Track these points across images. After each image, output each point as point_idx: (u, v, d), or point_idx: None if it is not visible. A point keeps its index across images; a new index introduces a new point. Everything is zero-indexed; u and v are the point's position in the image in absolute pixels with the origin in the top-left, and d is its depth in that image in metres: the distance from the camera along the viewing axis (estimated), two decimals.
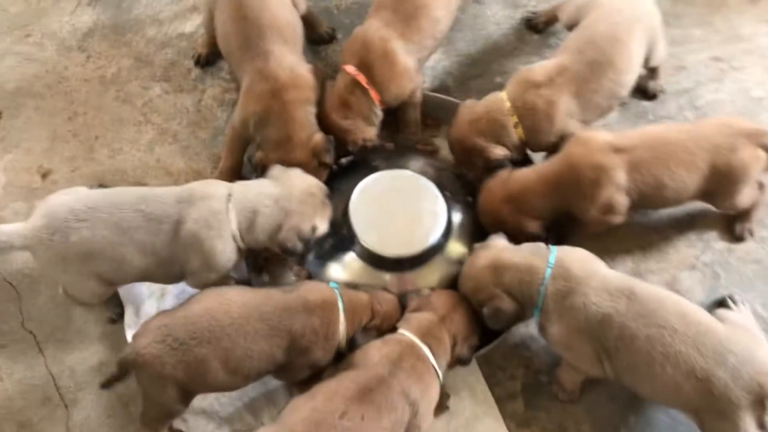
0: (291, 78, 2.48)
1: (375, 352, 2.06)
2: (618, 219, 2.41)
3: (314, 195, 2.34)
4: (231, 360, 2.04)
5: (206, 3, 2.78)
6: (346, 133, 2.56)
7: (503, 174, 2.46)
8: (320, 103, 2.57)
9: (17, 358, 2.44)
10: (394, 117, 2.71)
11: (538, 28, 3.07)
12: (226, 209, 2.22)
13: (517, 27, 3.12)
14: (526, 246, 2.24)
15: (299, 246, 2.27)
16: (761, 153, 2.38)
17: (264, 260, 2.53)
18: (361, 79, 2.53)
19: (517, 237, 2.35)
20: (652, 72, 2.83)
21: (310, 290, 2.18)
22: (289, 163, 2.41)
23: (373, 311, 2.21)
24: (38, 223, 2.17)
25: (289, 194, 2.28)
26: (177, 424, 2.28)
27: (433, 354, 2.09)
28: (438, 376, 2.10)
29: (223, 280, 2.32)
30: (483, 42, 3.08)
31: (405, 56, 2.56)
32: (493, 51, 3.03)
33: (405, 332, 2.12)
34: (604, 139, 2.39)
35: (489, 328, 2.26)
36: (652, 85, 2.86)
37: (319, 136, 2.48)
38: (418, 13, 2.56)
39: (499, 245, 2.27)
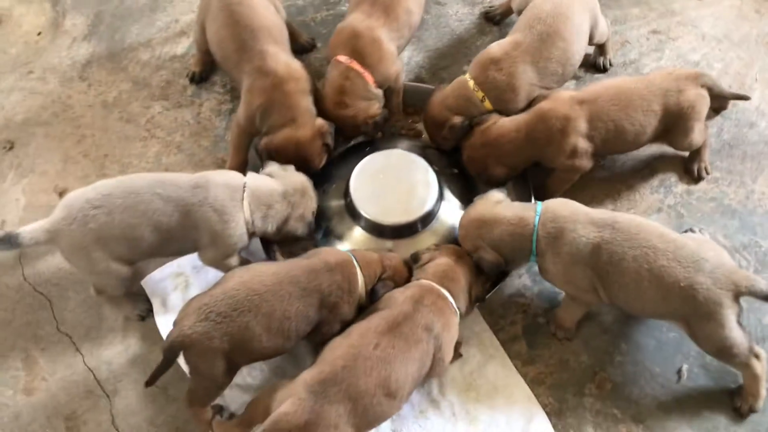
0: (288, 71, 2.71)
1: (399, 296, 2.26)
2: (584, 163, 2.66)
3: (307, 187, 2.58)
4: (272, 323, 2.18)
5: (197, 20, 3.01)
6: (353, 119, 2.78)
7: (488, 122, 2.71)
8: (317, 101, 2.78)
9: (57, 359, 2.57)
10: None
11: (495, 20, 3.37)
12: (241, 197, 2.42)
13: (476, 21, 3.40)
14: (516, 203, 2.48)
15: (306, 231, 2.55)
16: (704, 91, 2.69)
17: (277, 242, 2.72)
18: (355, 64, 2.76)
19: (488, 180, 2.66)
20: (600, 48, 3.14)
21: (329, 253, 2.38)
22: (295, 143, 2.65)
23: (384, 266, 2.41)
24: (58, 215, 2.34)
25: (292, 190, 2.52)
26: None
27: (451, 294, 2.30)
28: (457, 314, 2.30)
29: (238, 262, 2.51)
30: (448, 37, 3.35)
31: (388, 42, 2.83)
32: (458, 44, 3.29)
33: (424, 279, 2.33)
34: (569, 94, 2.68)
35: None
36: (601, 59, 3.17)
37: (322, 120, 2.72)
38: (395, 5, 2.86)
39: (494, 198, 2.48)
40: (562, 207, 2.38)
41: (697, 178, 2.90)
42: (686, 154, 2.91)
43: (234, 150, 2.87)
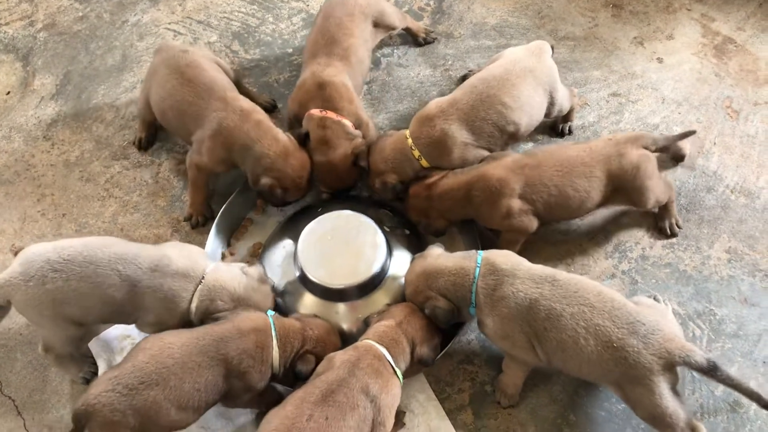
0: (252, 106, 2.85)
1: (336, 360, 2.24)
2: (524, 222, 2.66)
3: (264, 291, 2.55)
4: (181, 396, 2.16)
5: (142, 90, 3.10)
6: (345, 157, 2.84)
7: (435, 177, 2.76)
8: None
9: None
10: None
11: None
12: (194, 290, 2.42)
13: (437, 83, 3.44)
14: (458, 253, 2.48)
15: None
16: (645, 151, 2.70)
17: None
18: (330, 114, 2.83)
19: (426, 229, 2.75)
20: (564, 116, 3.15)
21: (243, 319, 2.35)
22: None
23: (305, 336, 2.37)
24: (16, 270, 2.34)
25: (246, 304, 2.48)
26: None
27: (391, 354, 2.27)
28: (397, 375, 2.26)
29: None
30: (408, 99, 3.38)
31: (352, 88, 2.93)
32: (417, 105, 3.30)
33: (364, 339, 2.31)
34: (514, 158, 2.71)
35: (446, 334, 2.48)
36: (561, 125, 3.18)
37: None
38: (348, 53, 2.97)
39: (434, 254, 2.51)
40: (503, 260, 2.38)
41: (669, 235, 2.89)
42: (656, 210, 2.90)
43: (196, 190, 2.96)
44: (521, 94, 2.80)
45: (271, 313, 2.45)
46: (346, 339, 2.52)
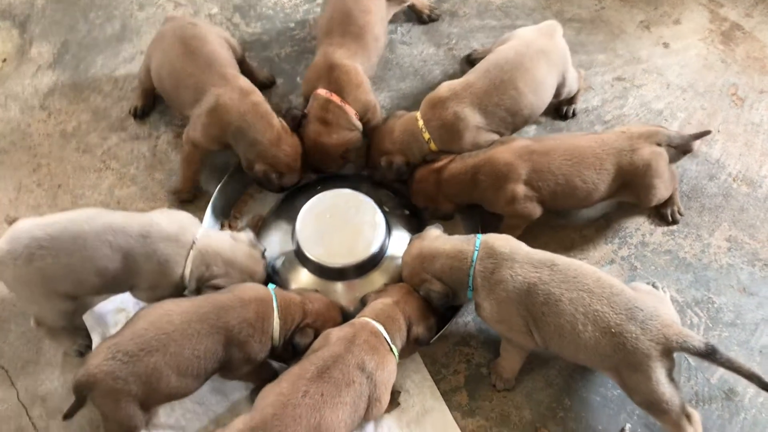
0: (250, 86, 2.80)
1: (333, 336, 2.24)
2: (528, 208, 2.64)
3: (254, 272, 2.53)
4: (181, 363, 2.16)
5: (145, 57, 3.06)
6: (336, 147, 2.80)
7: (442, 162, 2.73)
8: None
9: None
10: None
11: (476, 63, 3.30)
12: (186, 254, 2.42)
13: (441, 62, 3.39)
14: (456, 236, 2.47)
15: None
16: (658, 148, 2.66)
17: None
18: (334, 97, 2.78)
19: (433, 214, 2.72)
20: (570, 99, 3.11)
21: (245, 289, 2.35)
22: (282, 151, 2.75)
23: (305, 310, 2.37)
24: (3, 248, 2.31)
25: (240, 266, 2.49)
26: None
27: (388, 332, 2.27)
28: (393, 352, 2.26)
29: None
30: (411, 77, 3.34)
31: (363, 73, 2.87)
32: (421, 84, 3.28)
33: (361, 317, 2.31)
34: (523, 143, 2.67)
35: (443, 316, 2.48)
36: (566, 108, 3.14)
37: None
38: (363, 33, 2.90)
39: (432, 235, 2.49)
40: (502, 243, 2.37)
41: (670, 222, 2.88)
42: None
43: (188, 165, 2.91)
44: (535, 78, 2.77)
45: (272, 286, 2.44)
46: (343, 318, 2.50)
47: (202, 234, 2.48)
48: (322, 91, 2.81)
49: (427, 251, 2.42)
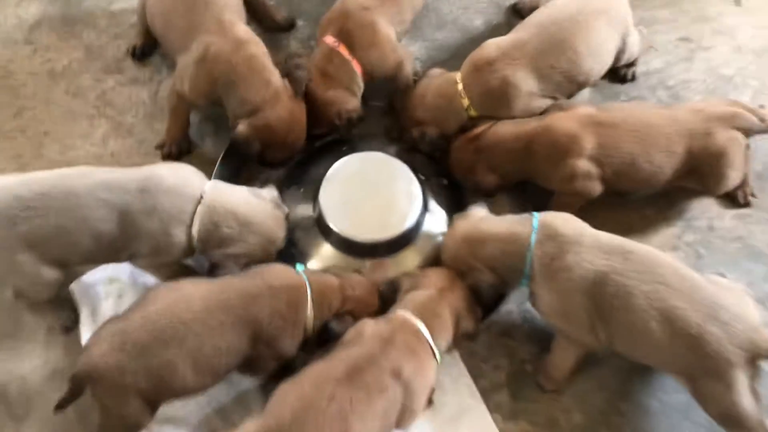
0: (248, 35, 2.48)
1: (368, 329, 1.98)
2: (587, 186, 2.39)
3: (274, 238, 2.28)
4: (200, 359, 1.93)
5: None
6: (328, 106, 2.51)
7: (481, 127, 2.46)
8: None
9: None
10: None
11: (522, 14, 3.00)
12: (193, 210, 2.15)
13: (485, 9, 3.09)
14: (507, 216, 2.23)
15: (224, 271, 2.18)
16: (737, 134, 2.40)
17: None
18: (342, 48, 2.50)
19: (475, 188, 2.46)
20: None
21: (274, 273, 2.10)
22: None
23: (344, 296, 2.13)
24: None
25: (257, 227, 2.22)
26: None
27: (432, 331, 2.01)
28: (435, 356, 2.01)
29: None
30: (450, 26, 3.04)
31: (386, 26, 2.56)
32: (460, 35, 3.00)
33: (400, 311, 2.05)
34: (587, 112, 2.41)
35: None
36: (625, 70, 2.85)
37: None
38: None
39: (477, 215, 2.25)
40: (564, 224, 2.13)
41: (741, 204, 2.61)
42: None
43: (174, 118, 2.64)
44: (595, 40, 2.50)
45: (300, 266, 2.17)
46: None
47: (210, 186, 2.20)
48: (329, 39, 2.54)
49: (475, 234, 2.18)
